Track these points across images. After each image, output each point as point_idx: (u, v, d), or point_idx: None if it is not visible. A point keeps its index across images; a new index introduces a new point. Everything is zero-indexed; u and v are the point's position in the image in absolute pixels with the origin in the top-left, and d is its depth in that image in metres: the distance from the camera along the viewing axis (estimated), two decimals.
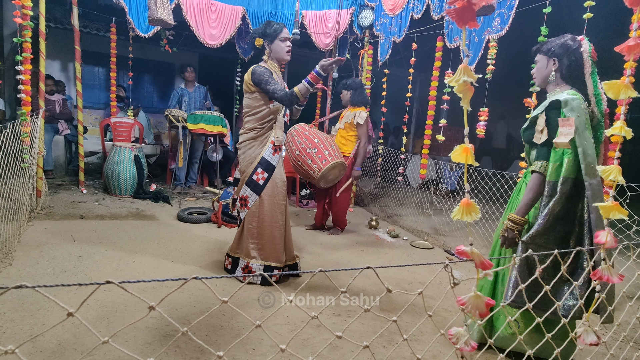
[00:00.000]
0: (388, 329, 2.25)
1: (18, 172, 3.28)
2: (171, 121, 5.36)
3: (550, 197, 1.78)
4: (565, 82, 1.91)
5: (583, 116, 1.75)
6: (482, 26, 3.61)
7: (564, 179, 1.75)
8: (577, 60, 1.86)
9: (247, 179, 2.74)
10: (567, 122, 1.73)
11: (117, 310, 2.24)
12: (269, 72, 2.64)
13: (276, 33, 2.69)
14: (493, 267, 1.14)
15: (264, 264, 2.75)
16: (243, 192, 2.78)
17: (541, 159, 1.87)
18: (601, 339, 1.32)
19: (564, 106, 1.77)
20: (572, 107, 1.75)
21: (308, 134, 3.85)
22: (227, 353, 0.84)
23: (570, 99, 1.78)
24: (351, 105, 4.15)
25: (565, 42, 1.89)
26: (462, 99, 1.10)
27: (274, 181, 2.76)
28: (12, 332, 1.95)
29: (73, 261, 2.86)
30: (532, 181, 1.88)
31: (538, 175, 1.86)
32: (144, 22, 4.74)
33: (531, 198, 1.87)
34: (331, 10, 5.42)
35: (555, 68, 1.91)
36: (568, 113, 1.75)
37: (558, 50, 1.89)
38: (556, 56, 1.90)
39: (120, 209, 4.35)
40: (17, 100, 3.87)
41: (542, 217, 1.78)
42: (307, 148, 3.76)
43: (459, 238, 4.43)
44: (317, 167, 3.72)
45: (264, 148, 2.74)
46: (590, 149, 1.73)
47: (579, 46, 1.86)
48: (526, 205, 1.88)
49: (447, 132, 5.35)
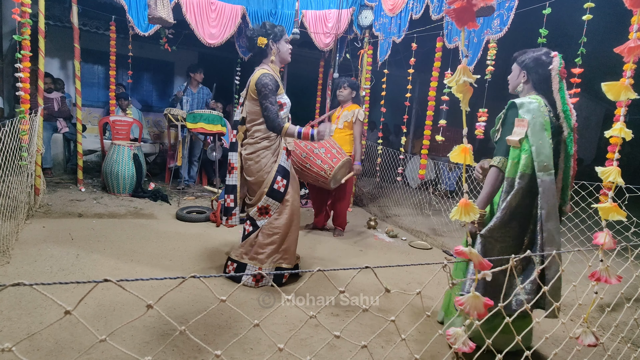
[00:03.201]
0: (386, 329, 2.25)
1: (16, 170, 3.27)
2: (170, 120, 5.36)
3: (508, 193, 1.87)
4: (534, 90, 2.00)
5: (540, 118, 1.84)
6: (481, 27, 3.61)
7: (521, 174, 1.84)
8: (546, 76, 1.95)
9: (268, 189, 2.66)
10: (521, 122, 1.84)
11: (115, 309, 2.23)
12: (274, 87, 2.57)
13: (282, 33, 2.68)
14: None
15: (275, 266, 2.74)
16: (264, 202, 2.69)
17: (499, 155, 1.95)
18: (599, 340, 1.33)
19: (520, 107, 1.88)
20: (528, 109, 1.86)
21: None
22: (225, 352, 0.83)
23: (527, 101, 1.89)
24: (350, 104, 4.14)
25: (537, 57, 1.98)
26: (461, 100, 1.10)
27: (292, 186, 2.75)
28: (9, 330, 1.94)
29: (71, 260, 2.85)
30: (490, 175, 1.96)
31: (496, 169, 1.94)
32: (144, 20, 4.73)
33: (489, 191, 1.95)
34: (331, 10, 5.41)
35: (524, 80, 2.02)
36: (524, 114, 1.85)
37: (529, 63, 1.99)
38: (526, 69, 2.01)
39: (119, 208, 4.35)
40: (16, 97, 3.86)
41: (500, 211, 1.87)
42: (315, 149, 3.70)
43: (457, 239, 4.44)
44: (328, 166, 3.66)
45: (279, 156, 2.69)
46: (545, 148, 1.82)
47: (550, 63, 1.94)
48: (485, 198, 1.96)
49: (447, 133, 5.35)
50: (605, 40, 1.89)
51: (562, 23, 3.74)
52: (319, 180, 3.79)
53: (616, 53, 1.30)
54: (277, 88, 2.60)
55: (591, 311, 1.54)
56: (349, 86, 4.14)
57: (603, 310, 2.66)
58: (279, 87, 2.62)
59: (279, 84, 2.63)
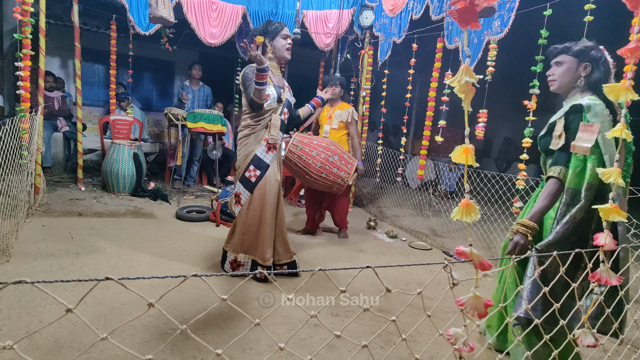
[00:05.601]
0: (386, 329, 2.25)
1: (16, 168, 3.27)
2: (170, 119, 5.35)
3: (570, 205, 1.68)
4: (589, 89, 1.81)
5: (607, 123, 1.66)
6: (481, 28, 3.61)
7: (588, 185, 1.64)
8: (607, 70, 1.77)
9: (241, 176, 2.78)
10: (590, 127, 1.64)
11: (114, 308, 2.23)
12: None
13: (277, 30, 2.73)
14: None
15: (251, 258, 2.78)
16: (237, 189, 2.82)
17: (559, 165, 1.77)
18: (599, 341, 1.33)
19: (587, 111, 1.68)
20: (596, 112, 1.67)
21: (319, 143, 3.66)
22: (225, 352, 0.83)
23: (592, 104, 1.69)
24: (340, 102, 4.08)
25: (594, 48, 1.79)
26: (463, 100, 1.10)
27: (267, 179, 2.76)
28: (8, 329, 1.94)
29: (70, 258, 2.85)
30: (549, 187, 1.78)
31: (556, 180, 1.77)
32: (145, 19, 4.73)
33: (546, 205, 1.77)
34: (332, 11, 5.42)
35: (585, 74, 1.80)
36: (592, 118, 1.66)
37: (592, 55, 1.78)
38: (590, 61, 1.79)
39: (119, 207, 4.35)
40: (16, 96, 3.86)
41: (561, 225, 1.67)
42: (329, 157, 3.58)
43: (457, 239, 4.44)
44: (344, 173, 3.59)
45: (257, 146, 2.75)
46: (615, 156, 1.62)
47: (606, 56, 1.78)
48: (540, 211, 1.78)
49: (446, 134, 5.36)
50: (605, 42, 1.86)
51: (563, 24, 3.74)
52: (333, 188, 3.69)
53: (617, 54, 1.30)
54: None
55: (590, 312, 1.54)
56: (339, 84, 4.07)
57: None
58: None
59: None
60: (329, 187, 3.69)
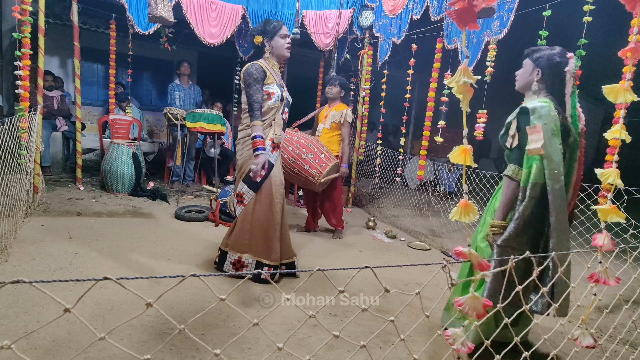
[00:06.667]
0: (384, 330, 2.25)
1: (15, 168, 3.27)
2: (170, 119, 5.35)
3: (521, 202, 1.83)
4: (544, 91, 1.94)
5: (551, 123, 1.78)
6: (481, 28, 3.61)
7: (532, 184, 1.79)
8: (560, 77, 1.89)
9: (245, 175, 2.73)
10: (535, 129, 1.77)
11: (113, 308, 2.23)
12: (259, 76, 2.62)
13: (276, 30, 2.71)
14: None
15: (256, 259, 2.75)
16: (240, 189, 2.77)
17: (513, 164, 1.91)
18: (597, 342, 1.33)
19: (532, 113, 1.80)
20: (540, 114, 1.79)
21: (299, 139, 3.74)
22: (223, 351, 0.83)
23: (539, 106, 1.82)
24: (338, 103, 4.07)
25: (553, 56, 1.90)
26: (461, 100, 1.10)
27: (272, 179, 2.74)
28: (6, 328, 1.94)
29: (69, 258, 2.84)
30: (504, 186, 1.94)
31: (508, 179, 1.92)
32: (144, 19, 4.73)
33: (504, 202, 1.92)
34: (331, 11, 5.42)
35: (537, 79, 1.94)
36: (535, 120, 1.79)
37: (545, 61, 1.91)
38: (541, 67, 1.93)
39: (118, 207, 4.34)
40: (15, 95, 3.86)
41: (514, 221, 1.83)
42: (302, 154, 3.66)
43: (456, 240, 4.44)
44: (316, 171, 3.63)
45: None
46: (556, 155, 1.77)
47: (566, 64, 1.88)
48: (502, 209, 1.92)
49: (446, 134, 5.36)
50: (604, 43, 1.88)
51: (562, 25, 3.75)
52: (307, 185, 3.81)
53: (615, 55, 1.31)
54: (263, 77, 2.63)
55: (589, 313, 1.55)
56: (339, 84, 4.05)
57: (601, 311, 2.66)
58: (265, 77, 2.65)
59: (266, 74, 2.65)
60: (303, 184, 3.84)
